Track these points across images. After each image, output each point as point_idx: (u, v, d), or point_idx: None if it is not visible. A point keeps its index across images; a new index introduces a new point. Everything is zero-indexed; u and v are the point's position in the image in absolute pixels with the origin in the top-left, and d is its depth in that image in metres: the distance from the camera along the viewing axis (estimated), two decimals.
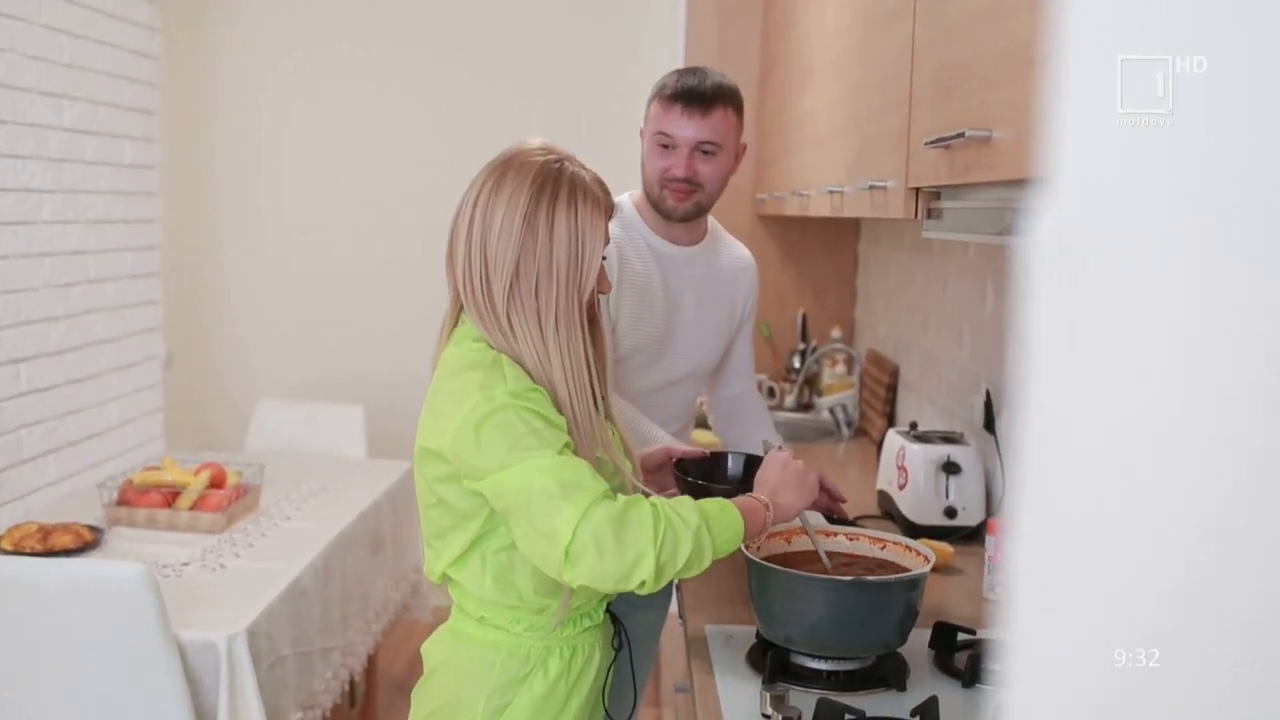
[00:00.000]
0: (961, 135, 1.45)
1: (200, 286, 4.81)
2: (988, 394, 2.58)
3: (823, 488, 2.20)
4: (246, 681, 2.38)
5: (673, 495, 1.91)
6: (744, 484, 1.90)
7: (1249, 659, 0.42)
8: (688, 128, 2.21)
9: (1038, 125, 1.28)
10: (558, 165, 1.65)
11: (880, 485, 2.76)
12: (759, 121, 4.23)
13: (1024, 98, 1.32)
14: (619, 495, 1.55)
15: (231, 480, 3.19)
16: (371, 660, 3.63)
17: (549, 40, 4.67)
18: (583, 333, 1.65)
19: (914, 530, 2.48)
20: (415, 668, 1.82)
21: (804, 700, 1.63)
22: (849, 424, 3.78)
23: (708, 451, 2.05)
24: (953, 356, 2.97)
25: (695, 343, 2.41)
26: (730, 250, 2.52)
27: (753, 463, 2.05)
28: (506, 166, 1.65)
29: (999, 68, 1.42)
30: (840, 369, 4.06)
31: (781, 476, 1.73)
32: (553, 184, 1.62)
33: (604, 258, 1.68)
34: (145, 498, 3.06)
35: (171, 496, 3.06)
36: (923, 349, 3.30)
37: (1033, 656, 0.44)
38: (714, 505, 1.60)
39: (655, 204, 2.31)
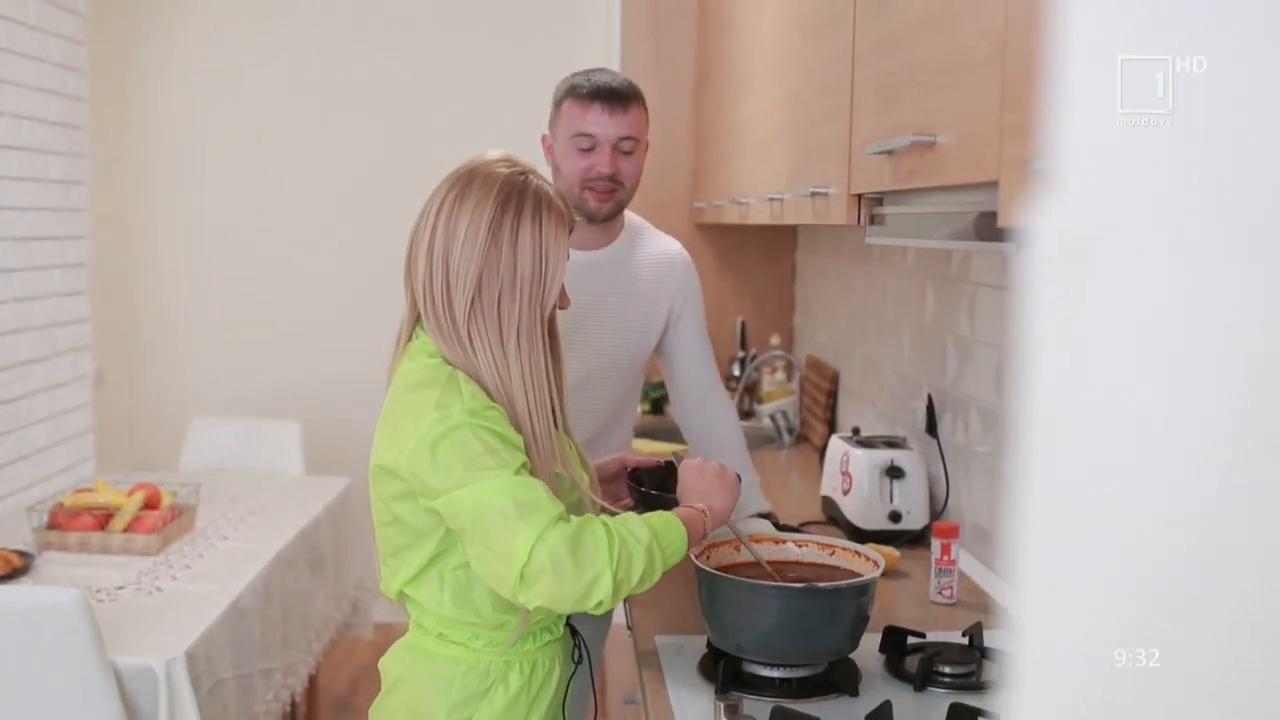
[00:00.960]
0: (908, 142, 1.46)
1: (131, 303, 4.71)
2: (929, 398, 2.60)
3: None
4: (186, 706, 2.33)
5: (626, 505, 1.90)
6: None
7: (1248, 659, 0.42)
8: (609, 125, 2.21)
9: (981, 130, 1.29)
10: (522, 178, 1.64)
11: (824, 491, 2.77)
12: (695, 129, 4.25)
13: (967, 103, 1.33)
14: (573, 517, 1.54)
15: (166, 501, 3.12)
16: (313, 680, 3.57)
17: (485, 49, 4.65)
18: (544, 347, 1.64)
19: (859, 535, 2.48)
20: (357, 686, 1.80)
21: (758, 709, 1.63)
22: (790, 431, 3.79)
23: (661, 461, 2.04)
24: (893, 362, 2.99)
25: (597, 345, 2.32)
26: (652, 246, 2.44)
27: None
28: (471, 177, 1.64)
29: (941, 73, 1.43)
30: (780, 376, 4.07)
31: (703, 482, 1.75)
32: (518, 197, 1.62)
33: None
34: (77, 520, 2.99)
35: (104, 519, 3.00)
36: (863, 355, 3.32)
37: (1033, 657, 0.44)
38: (659, 519, 1.61)
39: (575, 207, 2.23)
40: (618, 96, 2.22)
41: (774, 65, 2.72)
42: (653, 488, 1.95)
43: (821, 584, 1.74)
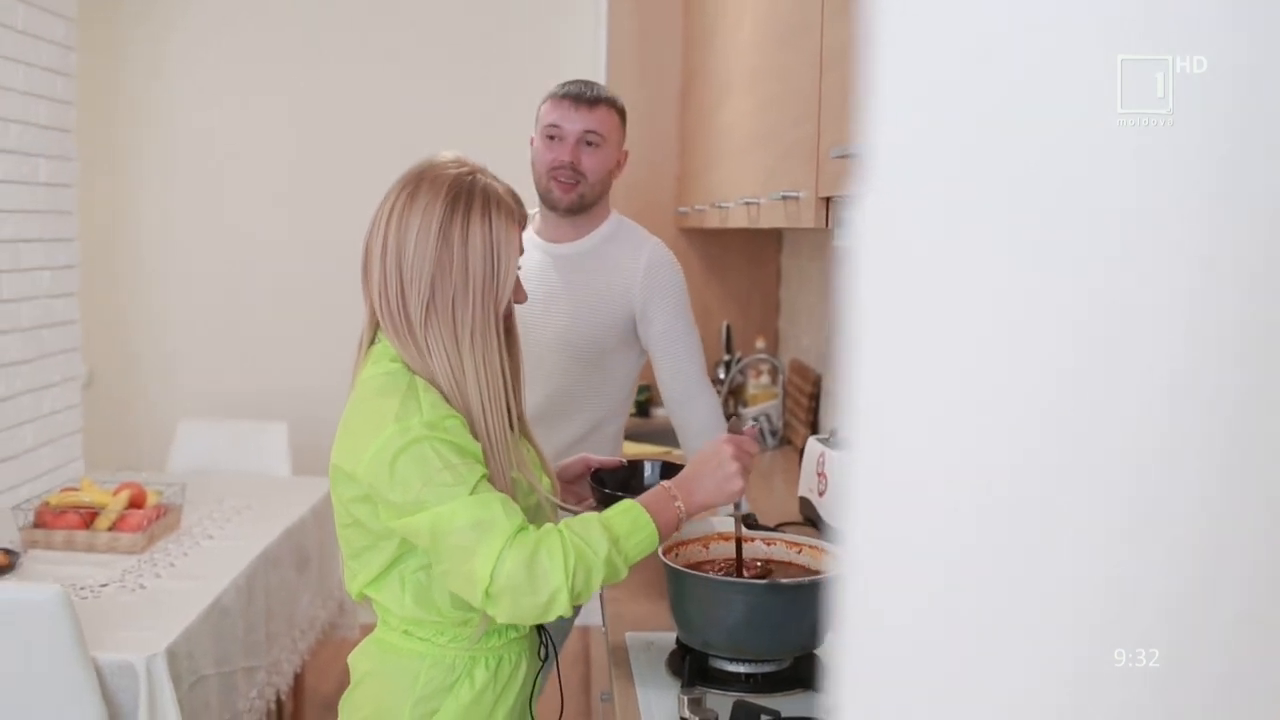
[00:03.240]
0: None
1: (121, 305, 4.74)
2: None
3: None
4: (167, 702, 2.35)
5: (590, 505, 1.92)
6: None
7: (1248, 658, 0.43)
8: (575, 119, 2.44)
9: None
10: (470, 177, 1.65)
11: (802, 492, 2.79)
12: (680, 136, 4.27)
13: None
14: (531, 528, 1.54)
15: (152, 500, 3.15)
16: (299, 679, 3.59)
17: (471, 56, 4.68)
18: (499, 344, 1.65)
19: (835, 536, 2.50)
20: (345, 686, 1.81)
21: (722, 703, 1.65)
22: (774, 433, 3.82)
23: (625, 460, 2.06)
24: None
25: (539, 336, 2.46)
26: (623, 244, 2.53)
27: (670, 471, 2.05)
28: (419, 180, 1.64)
29: None
30: (765, 379, 4.09)
31: (705, 469, 1.68)
32: (466, 196, 1.62)
33: (519, 267, 1.69)
34: (63, 519, 3.01)
35: (90, 517, 3.02)
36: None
37: (1031, 657, 0.44)
38: (624, 519, 1.58)
39: (543, 197, 2.49)
40: (586, 96, 2.45)
41: (751, 71, 2.75)
42: (615, 488, 1.96)
43: (785, 580, 1.76)
